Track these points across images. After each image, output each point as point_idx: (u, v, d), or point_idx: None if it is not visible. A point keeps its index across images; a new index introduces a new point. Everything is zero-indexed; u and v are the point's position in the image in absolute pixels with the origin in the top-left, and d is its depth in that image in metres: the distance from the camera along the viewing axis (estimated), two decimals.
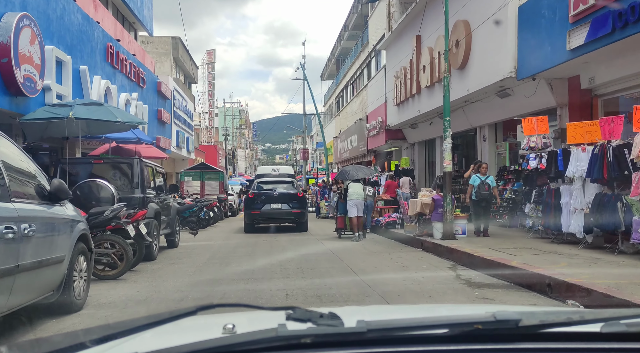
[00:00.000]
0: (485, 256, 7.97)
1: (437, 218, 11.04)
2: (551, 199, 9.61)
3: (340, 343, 1.07)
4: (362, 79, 31.06)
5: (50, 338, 1.23)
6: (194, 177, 23.61)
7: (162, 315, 1.16)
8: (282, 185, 16.76)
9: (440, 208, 10.96)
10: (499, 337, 1.10)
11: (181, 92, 31.26)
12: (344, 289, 6.58)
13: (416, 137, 21.93)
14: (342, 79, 38.14)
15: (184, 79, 40.88)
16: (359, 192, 13.30)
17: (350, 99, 34.51)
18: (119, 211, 7.45)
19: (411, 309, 2.31)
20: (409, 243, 11.83)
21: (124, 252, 7.30)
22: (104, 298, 6.22)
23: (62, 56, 13.02)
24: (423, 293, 6.32)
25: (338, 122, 39.61)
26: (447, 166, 11.08)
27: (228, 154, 59.88)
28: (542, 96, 11.75)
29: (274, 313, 1.21)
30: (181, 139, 29.74)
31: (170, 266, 9.03)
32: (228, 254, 10.68)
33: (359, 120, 29.22)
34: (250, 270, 8.38)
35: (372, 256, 10.17)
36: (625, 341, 1.12)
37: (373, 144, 25.95)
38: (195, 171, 23.77)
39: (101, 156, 13.07)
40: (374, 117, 25.29)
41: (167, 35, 36.95)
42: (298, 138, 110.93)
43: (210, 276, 7.87)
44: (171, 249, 11.72)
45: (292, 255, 10.13)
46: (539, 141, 10.34)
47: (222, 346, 1.02)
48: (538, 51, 10.72)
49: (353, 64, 33.33)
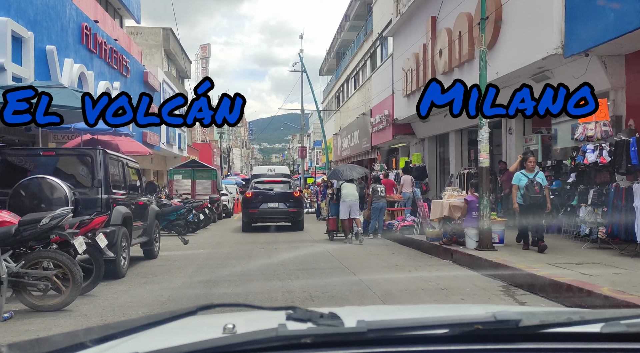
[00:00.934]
0: (555, 277, 5.97)
1: (471, 223, 9.09)
2: (620, 201, 7.68)
3: (340, 343, 1.07)
4: (366, 71, 29.11)
5: (51, 338, 1.18)
6: (184, 175, 21.62)
7: (163, 315, 1.15)
8: (279, 185, 16.97)
9: (475, 212, 9.02)
10: (499, 337, 1.10)
11: (172, 86, 29.29)
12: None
13: (427, 131, 20.00)
14: (343, 72, 36.18)
15: (176, 73, 38.88)
16: (353, 193, 12.74)
17: (351, 93, 32.57)
18: (63, 218, 5.49)
19: (411, 309, 2.27)
20: (434, 253, 9.91)
21: (70, 274, 5.34)
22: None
23: (21, 31, 11.07)
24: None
25: (338, 118, 37.65)
26: (484, 161, 9.06)
27: (223, 153, 57.89)
28: (592, 77, 9.81)
29: (274, 313, 1.22)
30: (172, 136, 27.81)
31: (139, 287, 7.03)
32: (216, 268, 8.68)
33: (361, 115, 27.30)
34: (242, 294, 6.43)
35: (396, 271, 8.22)
36: (626, 341, 1.11)
37: (378, 140, 24.02)
38: (186, 169, 21.77)
39: (54, 148, 11.10)
40: (379, 110, 23.36)
41: (158, 26, 34.89)
42: (295, 137, 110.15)
43: (189, 303, 5.92)
44: (148, 261, 9.71)
45: (297, 273, 8.06)
46: (598, 129, 8.41)
47: (222, 346, 1.03)
48: (595, 19, 8.77)
49: (355, 56, 31.38)
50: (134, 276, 7.99)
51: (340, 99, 38.46)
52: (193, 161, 23.58)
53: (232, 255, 10.60)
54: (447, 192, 10.67)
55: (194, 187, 21.60)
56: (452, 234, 9.63)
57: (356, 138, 29.13)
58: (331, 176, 15.24)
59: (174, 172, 21.70)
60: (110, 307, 5.77)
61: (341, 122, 35.76)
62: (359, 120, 28.12)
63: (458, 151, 17.85)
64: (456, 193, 10.39)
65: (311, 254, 10.74)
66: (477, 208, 8.98)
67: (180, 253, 10.98)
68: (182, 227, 14.73)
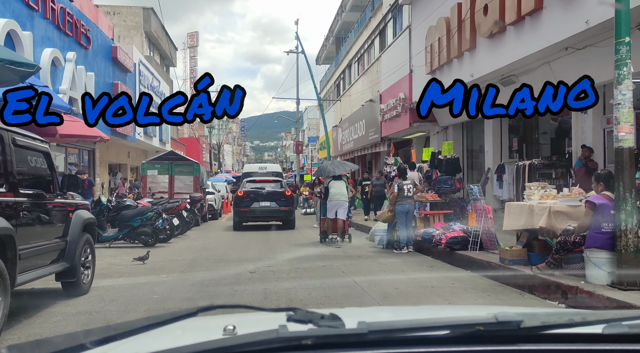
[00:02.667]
0: None
1: (601, 243, 5.59)
2: None
3: (341, 344, 1.07)
4: (373, 51, 25.51)
5: (51, 340, 1.20)
6: (160, 170, 18.00)
7: (163, 316, 1.15)
8: (271, 184, 16.91)
9: (609, 223, 5.51)
10: (500, 339, 1.10)
11: (153, 72, 25.75)
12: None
13: (452, 118, 16.52)
14: (344, 58, 32.55)
15: (159, 59, 35.21)
16: (342, 192, 11.88)
17: (355, 79, 28.98)
18: None
19: (412, 310, 2.21)
20: (521, 285, 6.37)
21: None
22: None
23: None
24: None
25: (338, 109, 34.06)
26: (626, 137, 5.49)
27: (213, 149, 54.22)
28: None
29: (275, 314, 1.22)
30: (151, 126, 24.07)
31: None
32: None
33: (368, 102, 23.76)
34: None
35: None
36: (627, 342, 1.11)
37: (389, 129, 20.44)
38: (162, 163, 18.12)
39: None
40: (391, 94, 19.79)
41: (138, 5, 31.15)
42: (288, 134, 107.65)
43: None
44: (66, 301, 6.07)
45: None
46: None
47: (222, 347, 1.03)
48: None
49: (360, 36, 27.75)
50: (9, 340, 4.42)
51: (341, 87, 34.87)
52: (171, 153, 19.84)
53: (206, 282, 7.07)
54: (534, 190, 7.14)
55: (172, 184, 18.01)
56: (558, 255, 6.07)
57: (361, 129, 25.58)
58: (317, 173, 14.23)
59: (147, 167, 18.07)
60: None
61: (342, 113, 32.22)
62: (364, 108, 24.60)
63: (496, 139, 14.41)
64: (550, 191, 6.88)
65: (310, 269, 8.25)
66: (611, 216, 5.47)
67: (130, 281, 7.37)
68: (148, 235, 11.27)
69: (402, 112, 18.36)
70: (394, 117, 19.44)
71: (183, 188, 18.00)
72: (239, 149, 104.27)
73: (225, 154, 75.85)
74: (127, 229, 11.62)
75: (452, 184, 13.48)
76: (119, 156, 23.63)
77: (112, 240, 11.69)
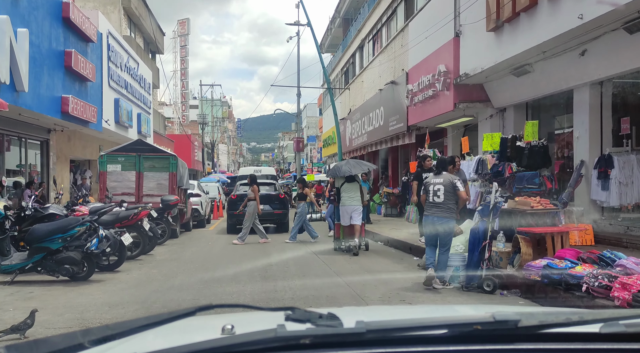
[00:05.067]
0: None
1: None
2: None
3: (339, 343, 1.06)
4: (394, 22, 20.95)
5: (49, 340, 1.17)
6: (125, 165, 13.58)
7: (161, 316, 1.13)
8: (264, 187, 16.48)
9: None
10: (498, 338, 1.10)
11: (128, 48, 21.33)
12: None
13: (516, 94, 12.20)
14: (354, 39, 28.10)
15: (142, 43, 30.87)
16: (355, 196, 10.79)
17: (369, 61, 24.57)
18: None
19: (410, 310, 2.21)
20: None
21: None
22: None
23: None
24: None
25: (346, 99, 29.68)
26: None
27: (206, 147, 49.81)
28: None
29: (273, 313, 1.20)
30: (125, 114, 19.79)
31: None
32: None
33: (389, 84, 19.44)
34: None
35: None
36: (624, 341, 1.11)
37: (421, 115, 16.04)
38: (127, 155, 13.73)
39: None
40: (425, 70, 15.40)
41: None
42: (285, 135, 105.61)
43: None
44: None
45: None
46: None
47: (221, 347, 1.02)
48: None
49: (376, 8, 23.22)
50: None
51: (349, 75, 30.48)
52: (139, 142, 15.04)
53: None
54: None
55: (140, 183, 13.60)
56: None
57: (377, 119, 21.26)
58: (330, 174, 12.69)
59: (107, 159, 13.60)
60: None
61: (351, 104, 27.95)
62: (383, 93, 20.31)
63: (594, 120, 10.12)
64: None
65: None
66: None
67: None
68: (76, 263, 6.87)
69: (442, 91, 13.98)
70: (428, 99, 15.09)
71: (155, 189, 13.66)
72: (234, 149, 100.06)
73: (221, 153, 71.51)
74: (42, 253, 7.23)
75: (540, 183, 9.13)
76: (85, 151, 19.36)
77: (15, 272, 7.30)
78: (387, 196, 19.73)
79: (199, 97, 59.26)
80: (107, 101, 18.16)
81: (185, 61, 47.14)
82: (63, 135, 16.93)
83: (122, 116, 19.68)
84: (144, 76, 24.34)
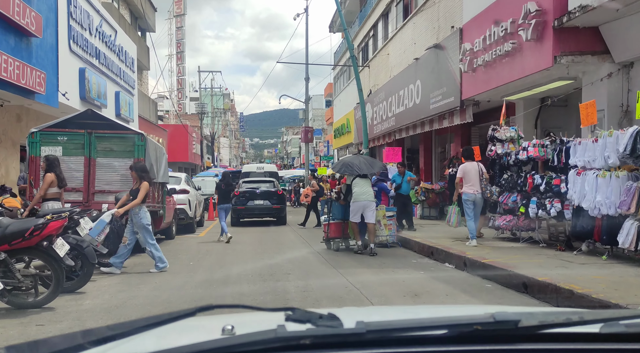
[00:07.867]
0: None
1: None
2: None
3: (339, 344, 1.05)
4: None
5: (49, 340, 1.16)
6: (68, 148, 9.49)
7: (161, 316, 1.12)
8: (265, 184, 18.52)
9: None
10: (498, 338, 1.08)
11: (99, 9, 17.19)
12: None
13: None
14: (376, 6, 23.95)
15: (129, 17, 26.81)
16: (368, 191, 10.52)
17: (397, 27, 20.34)
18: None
19: (410, 310, 2.20)
20: None
21: None
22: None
23: None
24: None
25: (365, 80, 25.35)
26: None
27: (206, 139, 45.70)
28: None
29: (273, 314, 1.19)
30: (95, 88, 15.68)
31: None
32: None
33: (431, 49, 15.23)
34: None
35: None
36: (624, 342, 1.10)
37: (483, 83, 11.93)
38: (73, 133, 9.67)
39: None
40: (494, 17, 11.23)
41: None
42: (289, 129, 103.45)
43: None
44: None
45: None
46: None
47: (221, 347, 1.01)
48: None
49: None
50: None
51: (369, 51, 26.30)
52: (90, 113, 10.44)
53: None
54: None
55: (91, 175, 9.50)
56: None
57: (411, 97, 17.13)
58: (340, 170, 11.29)
59: (41, 139, 9.43)
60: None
61: (371, 84, 23.87)
62: (421, 63, 16.29)
63: None
64: None
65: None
66: None
67: None
68: None
69: (530, 41, 9.75)
70: (501, 59, 10.98)
71: (114, 183, 9.49)
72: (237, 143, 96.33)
73: (222, 147, 67.52)
74: None
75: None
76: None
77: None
78: (425, 194, 15.58)
79: (198, 84, 55.12)
80: (67, 68, 14.07)
81: (182, 44, 42.78)
82: (8, 112, 12.90)
83: (91, 92, 15.58)
84: (124, 49, 20.22)
